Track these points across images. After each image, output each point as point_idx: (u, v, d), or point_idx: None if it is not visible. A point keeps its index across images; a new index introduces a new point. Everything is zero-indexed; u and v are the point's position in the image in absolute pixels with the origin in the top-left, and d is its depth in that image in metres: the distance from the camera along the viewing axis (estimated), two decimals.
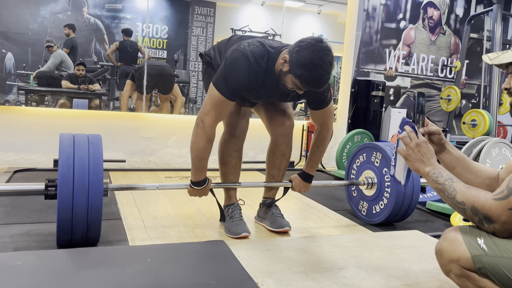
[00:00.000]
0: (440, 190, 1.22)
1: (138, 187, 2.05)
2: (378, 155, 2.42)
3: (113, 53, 4.55)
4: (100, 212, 1.74)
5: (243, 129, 2.10)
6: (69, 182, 1.67)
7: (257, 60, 1.79)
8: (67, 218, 1.68)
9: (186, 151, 3.97)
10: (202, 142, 1.86)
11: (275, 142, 2.17)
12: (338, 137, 4.45)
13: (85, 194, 1.69)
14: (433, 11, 5.88)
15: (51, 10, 4.16)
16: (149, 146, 3.88)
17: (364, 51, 5.42)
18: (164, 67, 4.39)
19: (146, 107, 4.18)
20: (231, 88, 1.79)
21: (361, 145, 2.58)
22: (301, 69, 1.66)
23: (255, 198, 2.46)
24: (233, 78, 1.78)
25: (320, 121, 2.04)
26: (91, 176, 1.71)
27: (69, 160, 1.70)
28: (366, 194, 2.53)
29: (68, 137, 1.81)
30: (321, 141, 2.10)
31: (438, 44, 6.01)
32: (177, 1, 5.05)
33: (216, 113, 1.84)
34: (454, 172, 1.39)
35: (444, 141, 1.41)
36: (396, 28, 5.63)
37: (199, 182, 1.96)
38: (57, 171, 1.69)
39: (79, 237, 1.76)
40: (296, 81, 1.71)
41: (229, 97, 1.81)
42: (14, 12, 3.99)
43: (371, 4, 5.40)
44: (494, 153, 3.00)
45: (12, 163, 3.46)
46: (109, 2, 4.51)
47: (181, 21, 5.09)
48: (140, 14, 4.66)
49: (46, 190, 1.78)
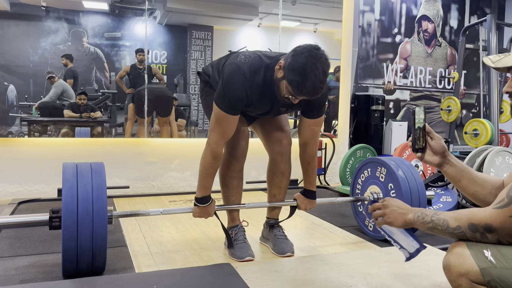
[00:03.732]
0: (432, 228, 1.21)
1: (142, 213, 2.04)
2: (383, 170, 2.40)
3: (123, 78, 4.57)
4: (105, 240, 1.73)
5: (243, 149, 2.08)
6: (73, 212, 1.67)
7: (253, 73, 1.82)
8: (72, 247, 1.68)
9: (189, 174, 3.97)
10: (208, 158, 1.90)
11: (273, 161, 2.16)
12: (340, 153, 4.45)
13: (90, 223, 1.69)
14: (427, 24, 5.95)
15: (51, 41, 4.23)
16: (152, 171, 3.88)
17: (362, 66, 5.47)
18: (162, 90, 4.44)
19: (147, 132, 4.21)
20: (229, 103, 1.82)
21: (365, 160, 2.57)
22: (293, 74, 1.66)
23: (260, 218, 2.44)
24: (230, 92, 1.81)
25: (310, 133, 2.02)
26: (95, 205, 1.71)
27: (72, 190, 1.71)
28: None
29: (71, 166, 1.82)
30: (311, 156, 2.08)
31: (435, 56, 6.06)
32: (175, 26, 5.13)
33: (220, 130, 1.87)
34: (460, 184, 1.38)
35: (447, 153, 1.40)
36: (392, 42, 5.69)
37: (202, 198, 1.96)
38: (61, 200, 1.69)
39: (84, 266, 1.75)
40: (289, 87, 1.71)
41: (229, 112, 1.84)
42: (15, 45, 4.06)
43: (366, 20, 5.48)
44: (497, 162, 2.99)
45: (16, 195, 3.46)
46: (108, 31, 4.59)
47: (180, 46, 5.17)
48: (139, 41, 4.74)
49: (51, 221, 1.78)
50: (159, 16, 4.87)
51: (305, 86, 1.66)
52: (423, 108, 1.40)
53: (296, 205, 2.17)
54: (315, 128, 2.02)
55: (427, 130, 1.38)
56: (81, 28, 4.44)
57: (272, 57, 1.86)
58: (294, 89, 1.69)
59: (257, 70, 1.83)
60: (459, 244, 1.19)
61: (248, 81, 1.81)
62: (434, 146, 1.38)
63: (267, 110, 1.97)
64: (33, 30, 4.21)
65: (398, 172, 2.29)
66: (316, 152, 2.10)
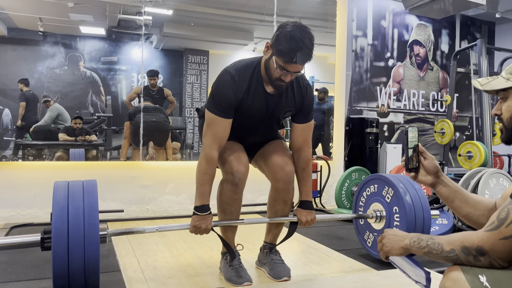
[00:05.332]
0: (428, 253, 1.21)
1: (137, 231, 2.00)
2: (390, 191, 2.34)
3: (133, 100, 4.55)
4: (98, 266, 1.68)
5: (241, 175, 2.00)
6: (63, 236, 1.62)
7: (241, 71, 1.90)
8: (64, 274, 1.63)
9: (184, 197, 3.95)
10: (202, 164, 1.90)
11: (276, 189, 2.10)
12: (335, 175, 4.45)
13: (81, 248, 1.64)
14: (419, 49, 6.07)
15: (48, 65, 4.26)
16: (147, 194, 3.86)
17: (356, 89, 5.54)
18: (159, 123, 4.38)
19: (142, 155, 4.20)
20: (219, 105, 1.86)
21: (373, 176, 2.50)
22: (282, 44, 1.74)
23: (255, 241, 2.42)
24: (218, 94, 1.87)
25: (302, 138, 2.05)
26: (86, 229, 1.66)
27: (63, 213, 1.66)
28: (374, 228, 2.45)
29: (62, 187, 1.78)
30: (306, 162, 2.08)
31: (427, 80, 6.15)
32: (171, 51, 5.21)
33: (212, 133, 1.89)
34: (454, 205, 1.38)
35: (441, 173, 1.40)
36: (385, 66, 5.79)
37: (202, 207, 1.91)
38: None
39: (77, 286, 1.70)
40: (279, 60, 1.76)
41: (219, 114, 1.88)
42: (11, 69, 4.09)
43: (359, 45, 5.58)
44: (492, 184, 3.00)
45: (9, 219, 3.42)
46: (105, 55, 4.64)
47: (176, 70, 5.23)
48: (135, 65, 4.79)
49: (43, 242, 1.74)
50: (155, 40, 4.94)
51: (294, 51, 1.73)
52: (416, 128, 1.41)
53: (297, 220, 2.09)
54: (307, 132, 2.07)
55: (420, 150, 1.38)
56: (78, 52, 4.49)
57: (258, 57, 1.94)
58: (285, 57, 1.74)
59: (245, 68, 1.91)
60: (454, 269, 1.18)
61: (236, 81, 1.87)
62: (428, 166, 1.38)
63: (263, 111, 1.96)
64: (30, 54, 4.25)
65: (406, 197, 2.23)
66: (311, 157, 2.10)
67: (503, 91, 1.20)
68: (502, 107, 1.22)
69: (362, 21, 5.59)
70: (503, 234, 1.07)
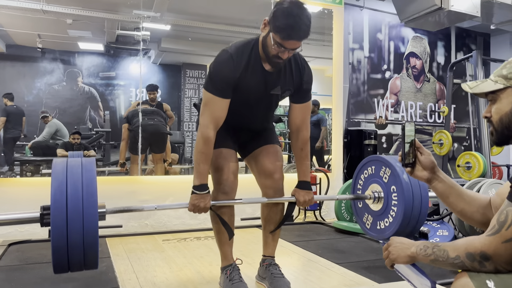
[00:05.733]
0: (434, 260, 1.20)
1: (135, 209, 1.99)
2: (387, 171, 2.34)
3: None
4: (96, 240, 1.67)
5: (231, 183, 2.03)
6: (62, 213, 1.62)
7: (239, 50, 1.89)
8: (63, 248, 1.62)
9: (183, 211, 3.93)
10: (199, 143, 1.90)
11: (266, 196, 2.14)
12: (335, 187, 4.44)
13: (80, 224, 1.63)
14: (415, 61, 6.11)
15: (46, 81, 4.28)
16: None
17: (353, 102, 5.56)
18: (157, 126, 4.42)
19: (140, 169, 4.19)
20: (217, 83, 1.87)
21: (370, 157, 2.50)
22: (279, 19, 1.75)
23: (254, 255, 2.40)
24: (216, 73, 1.87)
25: (300, 118, 2.06)
26: (85, 206, 1.66)
27: (62, 190, 1.66)
28: (372, 209, 2.44)
29: (61, 164, 1.77)
30: (304, 142, 2.08)
31: (424, 91, 6.19)
32: (169, 65, 5.24)
33: (209, 112, 1.89)
34: (449, 201, 1.37)
35: (437, 168, 1.39)
36: (382, 78, 5.82)
37: (200, 186, 1.90)
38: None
39: (76, 262, 1.69)
40: (276, 36, 1.76)
41: (217, 93, 1.87)
42: (10, 86, 4.10)
43: (355, 58, 5.62)
44: (491, 194, 2.99)
45: (7, 236, 3.39)
46: (103, 71, 4.66)
47: (174, 84, 5.26)
48: (134, 80, 4.81)
49: (42, 218, 1.74)
50: (153, 55, 4.97)
51: (293, 26, 1.74)
52: (413, 123, 1.40)
53: (295, 200, 2.09)
54: (305, 112, 2.07)
55: (416, 145, 1.37)
56: (76, 68, 4.51)
57: (256, 36, 1.95)
58: (282, 33, 1.75)
59: (243, 46, 1.91)
60: (462, 275, 1.17)
61: (234, 59, 1.87)
62: (424, 161, 1.38)
63: (261, 90, 1.96)
64: (28, 71, 4.28)
65: (403, 176, 2.24)
66: (308, 137, 2.10)
67: (492, 94, 1.21)
68: (491, 109, 1.23)
69: (358, 34, 5.64)
70: (505, 237, 1.07)
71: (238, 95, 1.94)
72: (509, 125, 1.20)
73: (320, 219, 4.30)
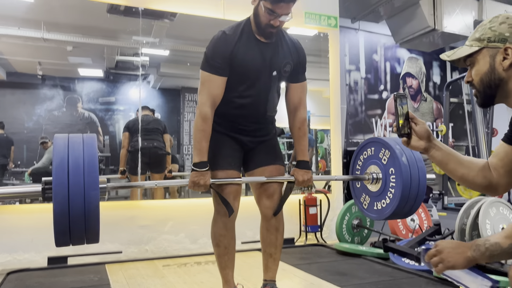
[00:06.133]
0: (490, 256, 1.16)
1: (136, 185, 1.99)
2: (386, 153, 2.33)
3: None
4: (97, 212, 1.69)
5: (231, 203, 2.02)
6: (64, 188, 1.62)
7: (230, 26, 2.00)
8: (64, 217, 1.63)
9: (183, 236, 3.90)
10: (198, 121, 1.94)
11: (265, 217, 2.12)
12: (335, 209, 4.42)
13: (81, 198, 1.64)
14: (411, 81, 6.19)
15: (46, 108, 4.31)
16: (146, 234, 3.81)
17: (352, 122, 5.60)
18: (155, 147, 4.40)
19: (140, 194, 4.17)
20: (213, 61, 1.93)
21: (368, 140, 2.48)
22: None
23: (256, 280, 2.38)
24: (212, 49, 1.95)
25: (298, 97, 2.11)
26: (86, 180, 1.65)
27: (63, 165, 1.66)
28: (370, 190, 2.42)
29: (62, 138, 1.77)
30: (301, 121, 2.12)
31: (422, 110, 6.24)
32: (168, 90, 5.28)
33: (206, 90, 1.94)
34: (449, 168, 1.36)
35: (433, 137, 1.39)
36: (379, 98, 5.88)
37: (200, 163, 1.92)
38: (51, 269, 1.63)
39: (77, 236, 1.70)
40: (266, 3, 1.85)
41: (213, 71, 1.93)
42: (10, 113, 4.13)
43: (352, 79, 5.69)
44: (492, 213, 2.99)
45: (6, 264, 3.35)
46: (103, 96, 4.70)
47: (173, 108, 5.29)
48: (133, 105, 4.84)
49: (44, 192, 1.73)
50: (152, 80, 5.02)
51: None
52: (405, 94, 1.41)
53: (294, 180, 2.09)
54: (302, 91, 2.13)
55: (410, 116, 1.37)
56: (76, 94, 4.55)
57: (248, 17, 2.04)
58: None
59: (235, 25, 2.00)
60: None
61: (227, 34, 1.95)
62: (419, 131, 1.38)
63: (259, 61, 1.98)
64: (28, 97, 4.31)
65: (402, 158, 2.23)
66: (306, 116, 2.15)
67: (470, 57, 1.25)
68: (471, 73, 1.25)
69: (355, 55, 5.72)
70: None
71: (237, 72, 1.98)
72: (490, 84, 1.23)
73: (322, 241, 4.26)
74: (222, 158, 2.02)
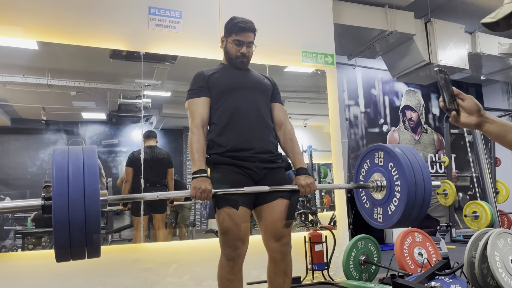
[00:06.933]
0: None
1: (137, 198, 1.98)
2: (389, 159, 2.29)
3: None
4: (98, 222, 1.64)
5: (239, 251, 2.00)
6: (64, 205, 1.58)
7: (210, 68, 2.28)
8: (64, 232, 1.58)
9: (187, 278, 3.82)
10: (190, 137, 2.09)
11: (273, 260, 2.08)
12: (341, 245, 4.35)
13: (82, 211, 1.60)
14: (411, 113, 6.24)
15: (50, 152, 4.35)
16: (149, 278, 3.74)
17: (353, 156, 5.60)
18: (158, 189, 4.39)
19: (143, 236, 4.13)
20: (193, 88, 2.19)
21: (371, 147, 2.45)
22: (229, 23, 2.21)
23: None
24: (192, 81, 2.22)
25: (282, 114, 2.31)
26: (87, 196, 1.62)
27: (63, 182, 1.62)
28: (375, 198, 2.37)
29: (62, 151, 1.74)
30: (291, 133, 2.28)
31: (423, 142, 6.25)
32: (171, 130, 5.34)
33: (193, 112, 2.14)
34: (507, 139, 1.26)
35: (483, 111, 1.27)
36: (380, 132, 5.91)
37: (198, 171, 1.99)
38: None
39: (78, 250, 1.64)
40: (232, 37, 2.18)
41: (194, 95, 2.18)
42: (13, 158, 4.16)
43: (352, 113, 5.74)
44: (500, 245, 2.93)
45: None
46: (106, 138, 4.75)
47: (176, 148, 5.32)
48: (136, 146, 4.87)
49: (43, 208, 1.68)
50: (155, 121, 5.09)
51: (241, 21, 2.17)
52: (443, 70, 1.30)
53: (297, 188, 2.12)
54: (284, 111, 2.34)
55: (455, 92, 1.27)
56: (79, 137, 4.60)
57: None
58: (235, 28, 2.16)
59: (213, 66, 2.30)
60: None
61: (204, 70, 2.24)
62: (468, 106, 1.26)
63: (239, 81, 2.22)
64: (32, 143, 4.36)
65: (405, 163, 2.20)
66: (293, 128, 2.31)
67: None
68: None
69: (353, 90, 5.81)
70: None
71: (216, 90, 2.18)
72: None
73: (329, 279, 4.17)
74: (231, 196, 2.01)
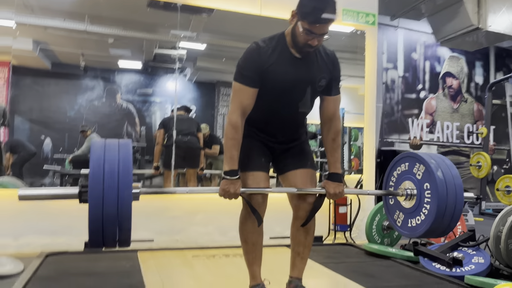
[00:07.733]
0: None
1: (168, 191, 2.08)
2: (421, 168, 2.27)
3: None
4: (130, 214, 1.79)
5: (258, 203, 2.04)
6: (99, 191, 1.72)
7: (265, 38, 1.98)
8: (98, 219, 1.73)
9: (212, 228, 3.97)
10: (228, 129, 1.95)
11: (297, 217, 2.13)
12: (366, 209, 4.37)
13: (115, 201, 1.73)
14: (452, 81, 5.99)
15: (87, 98, 4.48)
16: (176, 224, 3.90)
17: (387, 121, 5.49)
18: (190, 141, 4.49)
19: (174, 185, 4.27)
20: (245, 72, 1.94)
21: (402, 154, 2.44)
22: (305, 6, 1.83)
23: (284, 276, 2.40)
24: (244, 60, 1.95)
25: (332, 110, 2.09)
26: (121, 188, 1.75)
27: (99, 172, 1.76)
28: (404, 206, 2.36)
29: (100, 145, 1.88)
30: (336, 133, 2.11)
31: (461, 112, 6.03)
32: (204, 83, 5.36)
33: (237, 100, 1.95)
34: None
35: None
36: (417, 98, 5.73)
37: (230, 171, 1.94)
38: (87, 253, 1.73)
39: (110, 238, 1.79)
40: (304, 23, 1.82)
41: (244, 82, 1.93)
42: (54, 102, 4.32)
43: (389, 77, 5.57)
44: None
45: (45, 246, 3.52)
46: (141, 88, 4.84)
47: (208, 102, 5.37)
48: (169, 97, 4.95)
49: (80, 195, 1.83)
50: (189, 73, 5.11)
51: (319, 10, 1.80)
52: None
53: (325, 192, 2.07)
54: (337, 104, 2.12)
55: None
56: (115, 85, 4.70)
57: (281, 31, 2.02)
58: (310, 18, 1.81)
59: (270, 37, 1.99)
60: None
61: (261, 46, 1.94)
62: None
63: (292, 74, 1.97)
64: (71, 88, 4.49)
65: (437, 173, 2.17)
66: (340, 128, 2.13)
67: None
68: None
69: (393, 53, 5.60)
70: None
71: (269, 85, 1.97)
72: None
73: (351, 240, 4.22)
74: (251, 161, 2.03)
